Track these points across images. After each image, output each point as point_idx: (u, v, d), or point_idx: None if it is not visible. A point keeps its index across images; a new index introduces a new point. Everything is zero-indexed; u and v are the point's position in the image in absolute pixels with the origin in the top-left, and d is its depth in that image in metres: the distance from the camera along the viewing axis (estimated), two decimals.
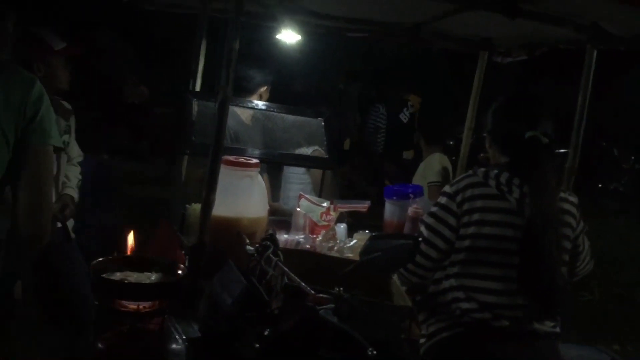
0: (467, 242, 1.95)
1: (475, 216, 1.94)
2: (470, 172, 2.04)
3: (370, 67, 8.85)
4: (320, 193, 3.06)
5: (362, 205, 2.77)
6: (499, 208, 1.94)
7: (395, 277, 2.21)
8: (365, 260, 1.74)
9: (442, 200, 2.01)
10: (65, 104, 2.81)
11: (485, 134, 2.14)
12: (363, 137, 7.71)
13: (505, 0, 2.30)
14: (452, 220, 1.97)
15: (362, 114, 7.80)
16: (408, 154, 7.13)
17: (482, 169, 2.00)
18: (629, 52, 2.75)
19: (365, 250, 1.77)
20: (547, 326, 1.97)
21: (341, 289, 1.69)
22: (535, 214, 1.89)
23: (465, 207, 1.95)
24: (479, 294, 1.93)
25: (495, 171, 1.97)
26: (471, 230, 1.94)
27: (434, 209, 2.03)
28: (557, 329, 2.00)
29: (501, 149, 2.06)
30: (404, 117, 6.89)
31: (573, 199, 2.10)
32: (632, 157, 10.89)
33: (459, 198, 1.96)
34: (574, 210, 2.08)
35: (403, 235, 1.92)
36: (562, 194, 2.07)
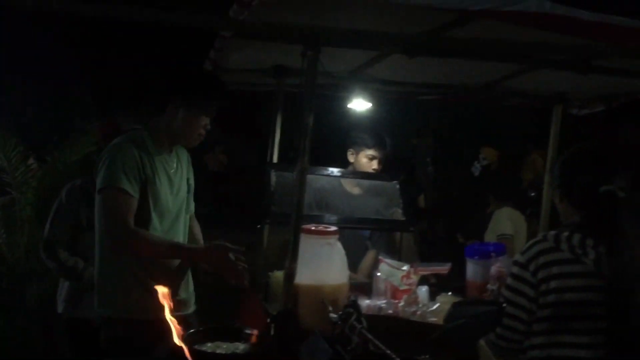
0: (548, 311, 1.88)
1: (553, 284, 1.86)
2: (540, 237, 1.96)
3: (444, 121, 8.86)
4: (400, 256, 3.06)
5: (443, 268, 2.76)
6: (576, 272, 1.86)
7: (483, 342, 2.17)
8: (450, 328, 1.73)
9: (515, 270, 1.94)
10: None
11: (555, 188, 2.05)
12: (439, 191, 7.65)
13: (578, 58, 2.30)
14: (528, 290, 1.90)
15: (436, 168, 7.77)
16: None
17: (553, 233, 1.92)
18: None
19: (450, 317, 1.76)
20: None
21: (427, 356, 1.69)
22: (616, 274, 1.80)
23: (541, 275, 1.88)
24: None
25: (566, 233, 1.89)
26: (551, 298, 1.87)
27: (508, 280, 1.97)
28: None
29: (573, 204, 1.97)
30: (475, 170, 6.79)
31: None
32: None
33: (532, 267, 1.89)
34: None
35: (486, 302, 1.90)
36: None
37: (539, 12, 1.95)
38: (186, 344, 2.02)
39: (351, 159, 3.51)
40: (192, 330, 2.11)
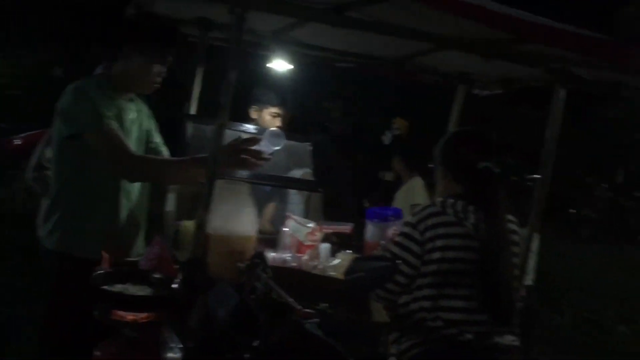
0: (433, 267, 2.13)
1: (439, 242, 2.12)
2: (430, 203, 2.25)
3: (357, 90, 9.06)
4: (307, 214, 3.21)
5: (346, 227, 2.94)
6: (458, 233, 2.13)
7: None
8: (350, 280, 1.90)
9: (406, 229, 2.19)
10: None
11: (438, 166, 2.33)
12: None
13: (481, 43, 2.50)
14: (415, 248, 2.14)
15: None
16: (389, 176, 7.30)
17: (440, 199, 2.21)
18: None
19: (350, 271, 1.93)
20: (508, 340, 2.16)
21: (327, 304, 1.85)
22: (490, 237, 2.10)
23: (428, 234, 2.13)
24: (445, 313, 2.11)
25: (451, 200, 2.17)
26: (436, 255, 2.12)
27: (398, 238, 2.21)
28: (517, 343, 2.19)
29: (456, 178, 2.26)
30: (386, 139, 7.09)
31: (514, 219, 2.33)
32: (604, 186, 11.27)
33: (421, 227, 2.15)
34: (517, 228, 2.31)
35: (383, 258, 2.10)
36: (507, 216, 2.29)
37: None
38: (95, 284, 2.08)
39: (254, 115, 3.60)
40: (101, 271, 2.15)
